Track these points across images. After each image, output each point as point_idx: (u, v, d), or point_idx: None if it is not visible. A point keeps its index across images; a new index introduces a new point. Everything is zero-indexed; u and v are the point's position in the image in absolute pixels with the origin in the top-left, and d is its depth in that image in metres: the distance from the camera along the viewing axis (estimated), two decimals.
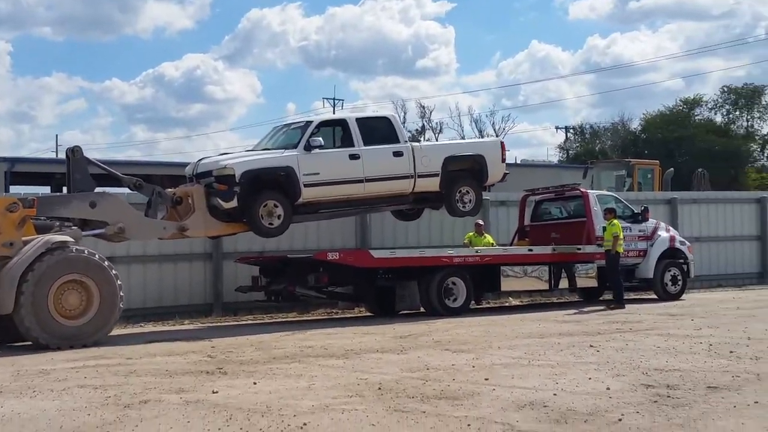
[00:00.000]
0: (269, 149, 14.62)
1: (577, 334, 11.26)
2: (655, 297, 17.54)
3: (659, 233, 17.77)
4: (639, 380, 7.39)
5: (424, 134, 64.41)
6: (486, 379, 7.60)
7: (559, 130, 69.02)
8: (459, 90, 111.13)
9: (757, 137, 63.19)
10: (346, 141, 14.79)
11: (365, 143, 14.74)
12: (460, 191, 15.66)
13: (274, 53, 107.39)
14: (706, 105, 63.63)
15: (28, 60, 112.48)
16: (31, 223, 12.02)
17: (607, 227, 16.08)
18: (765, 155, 64.11)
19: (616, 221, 16.11)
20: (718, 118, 63.18)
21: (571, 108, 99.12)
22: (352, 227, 17.82)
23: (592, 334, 11.18)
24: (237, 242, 16.39)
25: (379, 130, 15.14)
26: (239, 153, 15.13)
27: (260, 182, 13.84)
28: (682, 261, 17.88)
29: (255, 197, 13.76)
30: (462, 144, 21.71)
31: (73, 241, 11.93)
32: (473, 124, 69.45)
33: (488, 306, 17.59)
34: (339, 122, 15.38)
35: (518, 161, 45.75)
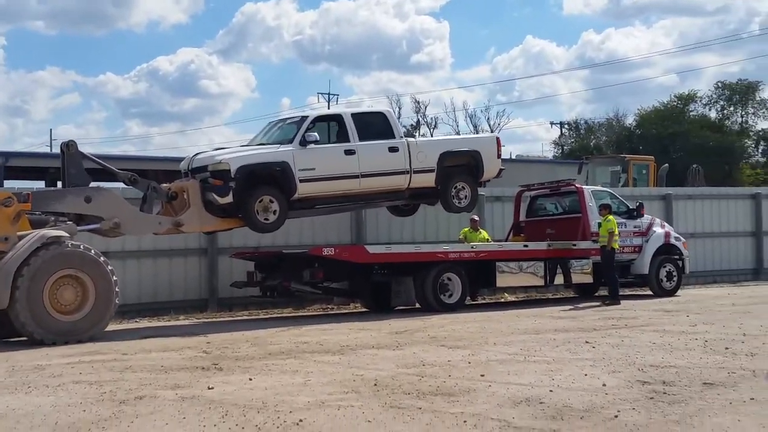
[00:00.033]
0: (265, 144, 14.57)
1: (573, 330, 11.28)
2: (651, 293, 17.58)
3: (654, 229, 17.78)
4: (635, 376, 7.40)
5: (419, 129, 64.45)
6: (482, 376, 7.61)
7: (554, 126, 69.22)
8: (454, 85, 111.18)
9: (752, 133, 63.41)
10: (342, 136, 14.75)
11: (361, 138, 14.70)
12: (456, 187, 15.64)
13: (269, 48, 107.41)
14: (701, 101, 63.89)
15: (22, 54, 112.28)
16: (26, 218, 11.98)
17: (603, 223, 16.07)
18: (759, 151, 64.32)
19: (612, 217, 16.09)
20: (713, 114, 63.44)
21: (566, 103, 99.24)
22: (348, 223, 17.81)
23: (588, 330, 11.20)
24: (232, 237, 16.37)
25: (375, 126, 15.09)
26: (234, 148, 15.06)
27: (256, 177, 13.80)
28: (678, 257, 17.88)
29: (250, 192, 13.73)
30: (458, 140, 21.60)
31: (69, 236, 11.89)
32: (468, 120, 69.44)
33: (484, 302, 17.60)
34: (334, 117, 15.32)
35: (513, 157, 45.74)
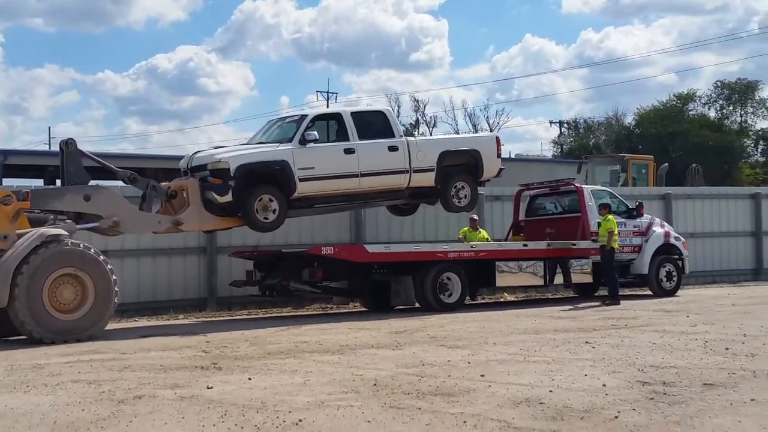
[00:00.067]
0: (264, 143, 14.54)
1: (573, 331, 11.26)
2: (650, 293, 17.56)
3: (654, 229, 17.76)
4: (635, 377, 7.39)
5: (418, 128, 64.44)
6: (482, 376, 7.59)
7: (553, 125, 69.26)
8: (453, 84, 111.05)
9: (751, 133, 63.44)
10: (341, 135, 14.73)
11: (360, 137, 14.68)
12: (456, 186, 15.62)
13: (268, 45, 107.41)
14: (700, 100, 63.94)
15: (20, 51, 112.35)
16: (26, 216, 11.97)
17: (602, 223, 16.05)
18: (758, 151, 64.33)
19: (611, 217, 16.06)
20: (712, 114, 63.48)
21: (565, 102, 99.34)
22: (347, 222, 17.79)
23: (588, 331, 11.18)
24: (231, 236, 16.34)
25: (374, 125, 15.07)
26: (234, 146, 15.00)
27: (255, 176, 13.78)
28: (677, 257, 17.86)
29: (250, 191, 13.71)
30: (457, 139, 21.60)
31: (68, 235, 11.87)
32: (467, 119, 69.50)
33: (483, 301, 17.59)
34: (334, 116, 15.28)
35: (512, 156, 45.77)
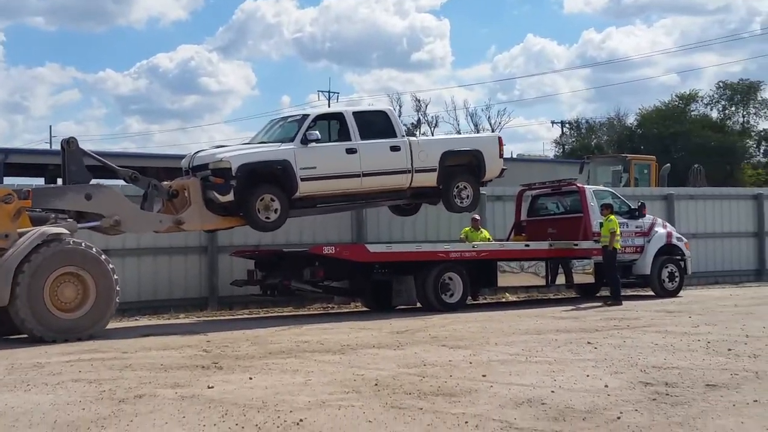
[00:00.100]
0: (266, 143, 14.53)
1: (575, 331, 11.23)
2: (653, 293, 17.53)
3: (656, 229, 17.74)
4: (637, 378, 7.36)
5: (420, 128, 64.43)
6: (483, 376, 7.56)
7: (555, 125, 69.44)
8: (454, 83, 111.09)
9: (753, 133, 63.37)
10: (343, 135, 14.71)
11: (362, 137, 14.66)
12: (458, 186, 15.60)
13: (269, 45, 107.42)
14: (702, 100, 63.87)
15: (21, 50, 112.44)
16: (27, 215, 11.95)
17: (604, 223, 16.02)
18: (761, 151, 64.28)
19: (613, 217, 16.03)
20: (714, 114, 63.44)
21: (567, 102, 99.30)
22: (348, 222, 17.78)
23: (590, 331, 11.15)
24: (232, 235, 16.33)
25: (376, 124, 15.05)
26: (235, 146, 15.00)
27: (257, 176, 13.76)
28: (680, 257, 17.84)
29: (252, 191, 13.69)
30: (460, 139, 21.53)
31: (69, 234, 11.87)
32: (469, 118, 69.43)
33: (485, 301, 17.57)
34: (336, 116, 15.25)
35: (514, 156, 45.75)
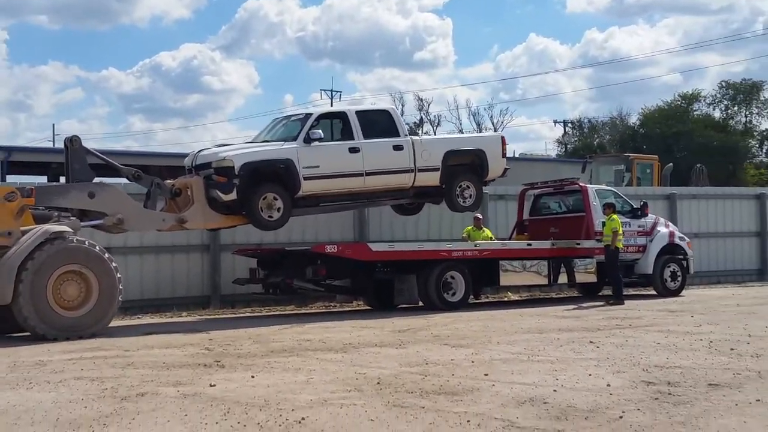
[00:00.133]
0: (269, 141, 14.53)
1: (577, 330, 11.23)
2: (655, 293, 17.52)
3: (658, 229, 17.73)
4: (639, 377, 7.35)
5: (422, 127, 64.42)
6: (485, 375, 7.56)
7: (558, 124, 69.25)
8: (457, 83, 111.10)
9: (756, 133, 63.31)
10: (346, 134, 14.71)
11: (365, 136, 14.66)
12: (461, 186, 15.60)
13: (272, 44, 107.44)
14: (705, 100, 63.84)
15: (24, 48, 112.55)
16: (30, 213, 11.96)
17: (607, 222, 16.01)
18: (764, 151, 64.23)
19: (616, 216, 16.02)
20: (717, 114, 63.39)
21: (569, 102, 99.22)
22: (350, 220, 17.78)
23: (592, 330, 11.15)
24: (235, 234, 16.33)
25: (379, 124, 15.05)
26: (238, 145, 15.01)
27: (260, 174, 13.76)
28: (682, 257, 17.83)
29: (254, 190, 13.69)
30: (462, 138, 21.52)
31: (72, 232, 11.88)
32: (471, 118, 69.37)
33: (487, 300, 17.56)
34: (339, 115, 15.26)
35: (516, 155, 45.75)
